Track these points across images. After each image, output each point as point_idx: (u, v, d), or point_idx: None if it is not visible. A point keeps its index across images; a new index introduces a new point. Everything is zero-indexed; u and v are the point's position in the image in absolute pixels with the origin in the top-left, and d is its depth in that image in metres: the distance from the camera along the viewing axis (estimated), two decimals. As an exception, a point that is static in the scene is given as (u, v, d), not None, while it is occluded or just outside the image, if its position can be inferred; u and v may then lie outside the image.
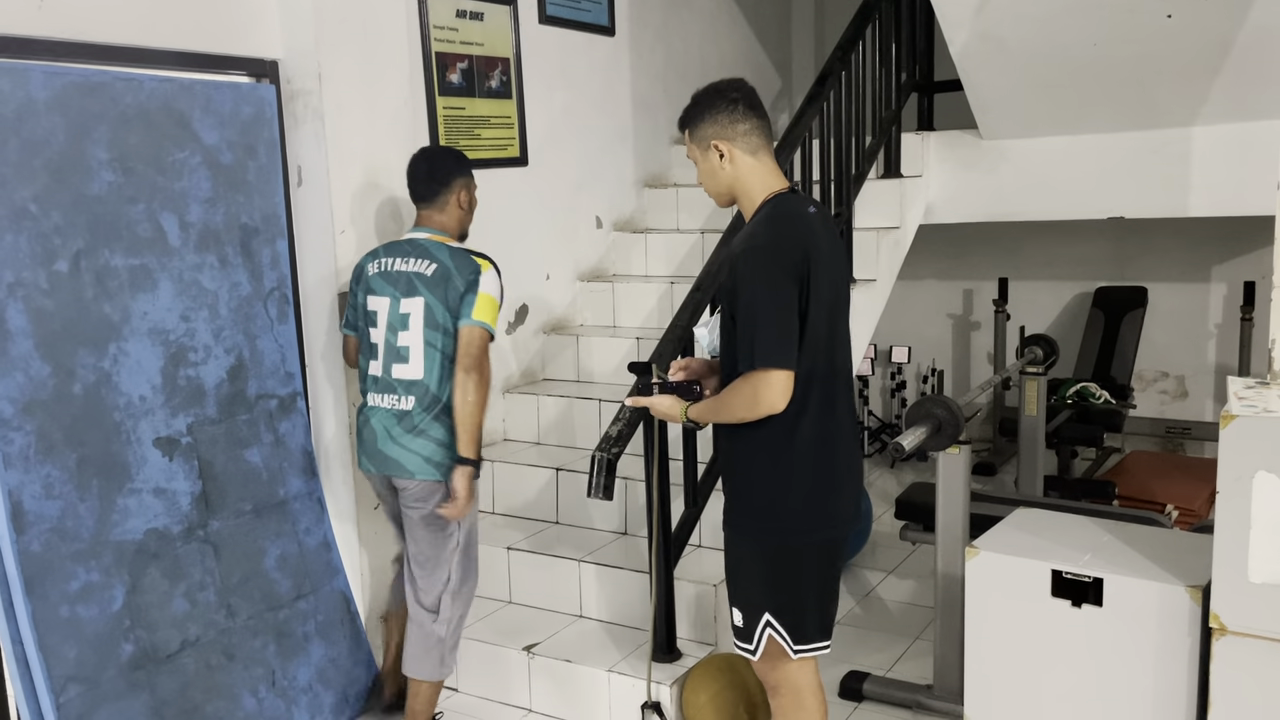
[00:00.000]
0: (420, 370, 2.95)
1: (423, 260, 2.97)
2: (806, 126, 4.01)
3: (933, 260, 6.20)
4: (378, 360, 3.02)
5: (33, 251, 2.65)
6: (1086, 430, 5.31)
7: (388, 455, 2.98)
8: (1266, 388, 2.30)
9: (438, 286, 2.93)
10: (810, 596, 2.43)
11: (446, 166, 3.08)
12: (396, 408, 2.97)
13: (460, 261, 2.95)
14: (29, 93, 2.63)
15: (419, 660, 3.05)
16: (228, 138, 3.10)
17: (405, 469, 2.97)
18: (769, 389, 2.23)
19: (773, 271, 2.25)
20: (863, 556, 4.57)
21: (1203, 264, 5.90)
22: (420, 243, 3.02)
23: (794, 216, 2.35)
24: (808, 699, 2.49)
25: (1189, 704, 2.33)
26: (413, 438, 2.95)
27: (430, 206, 3.06)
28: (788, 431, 2.32)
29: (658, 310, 4.52)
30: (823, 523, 2.40)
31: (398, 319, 2.96)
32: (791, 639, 2.43)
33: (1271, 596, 2.11)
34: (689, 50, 5.39)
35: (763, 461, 2.36)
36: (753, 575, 2.44)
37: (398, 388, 2.97)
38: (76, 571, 2.69)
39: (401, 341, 2.96)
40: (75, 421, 2.73)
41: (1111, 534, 2.64)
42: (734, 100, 2.39)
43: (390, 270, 3.01)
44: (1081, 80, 4.11)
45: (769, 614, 2.42)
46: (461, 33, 4.07)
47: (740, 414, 2.31)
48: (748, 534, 2.45)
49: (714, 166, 2.41)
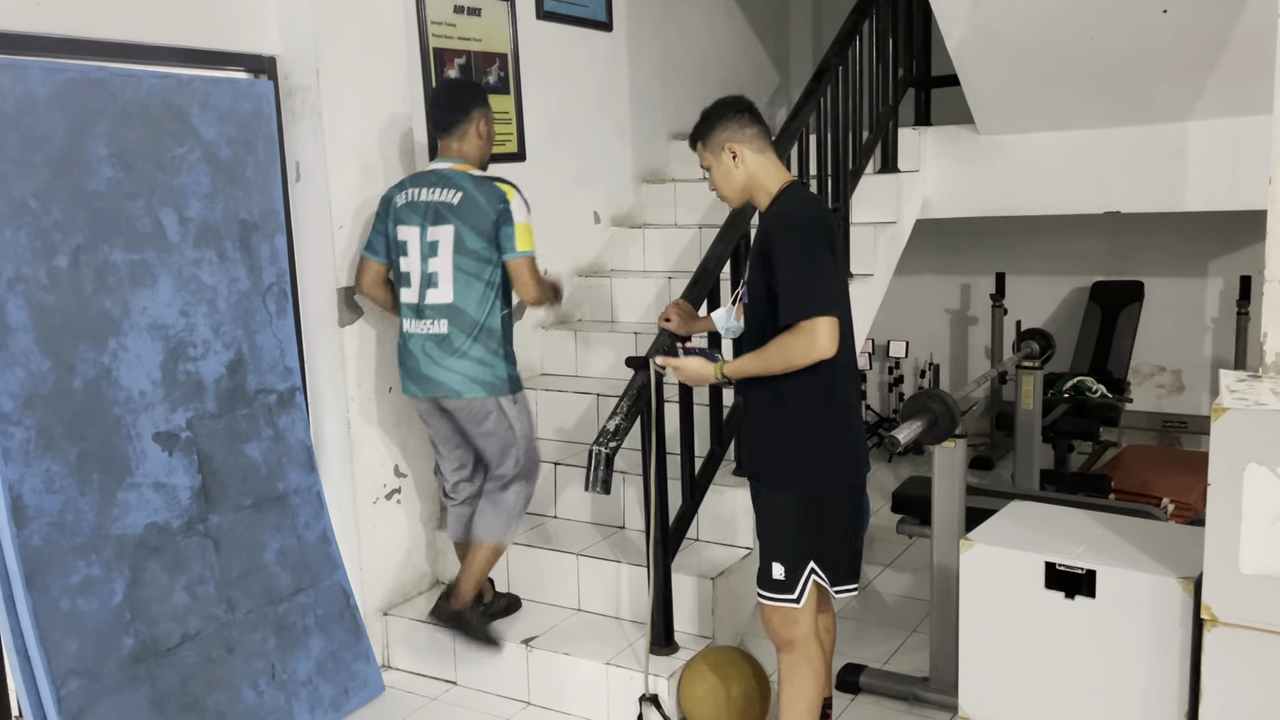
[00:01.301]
0: (451, 294, 3.12)
1: (448, 189, 3.13)
2: (804, 122, 4.02)
3: (930, 255, 6.21)
4: (411, 288, 3.18)
5: (33, 247, 2.66)
6: (1083, 424, 5.32)
7: (431, 378, 3.17)
8: (1258, 381, 2.32)
9: (466, 214, 3.09)
10: (843, 540, 2.69)
11: (468, 95, 3.27)
12: (432, 331, 3.16)
13: (485, 189, 3.11)
14: (28, 89, 2.64)
15: (490, 522, 3.28)
16: (226, 133, 3.11)
17: (452, 389, 3.17)
18: (823, 334, 2.43)
19: (809, 236, 2.51)
20: (860, 550, 4.58)
21: (1199, 258, 5.92)
22: (444, 173, 3.17)
23: (817, 199, 2.70)
24: (816, 654, 2.67)
25: (1181, 694, 2.35)
26: (456, 359, 3.14)
27: (450, 135, 3.22)
28: (826, 387, 2.56)
29: (656, 305, 4.53)
30: (852, 469, 2.66)
31: (427, 247, 3.13)
32: (830, 581, 2.68)
33: (1262, 588, 2.12)
34: (687, 46, 5.39)
35: (808, 417, 2.58)
36: (794, 526, 2.63)
37: (432, 313, 3.15)
38: (77, 565, 2.71)
39: (432, 268, 3.13)
40: (75, 416, 2.74)
41: (1105, 526, 2.65)
42: (740, 110, 2.67)
43: (417, 200, 3.16)
44: (1078, 75, 4.12)
45: (813, 561, 2.63)
46: (459, 28, 4.07)
47: (794, 360, 2.48)
48: (790, 485, 2.63)
49: (728, 168, 2.65)
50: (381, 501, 3.65)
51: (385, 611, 3.67)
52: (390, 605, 3.70)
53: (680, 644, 3.27)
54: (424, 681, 3.54)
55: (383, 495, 3.65)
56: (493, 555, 3.32)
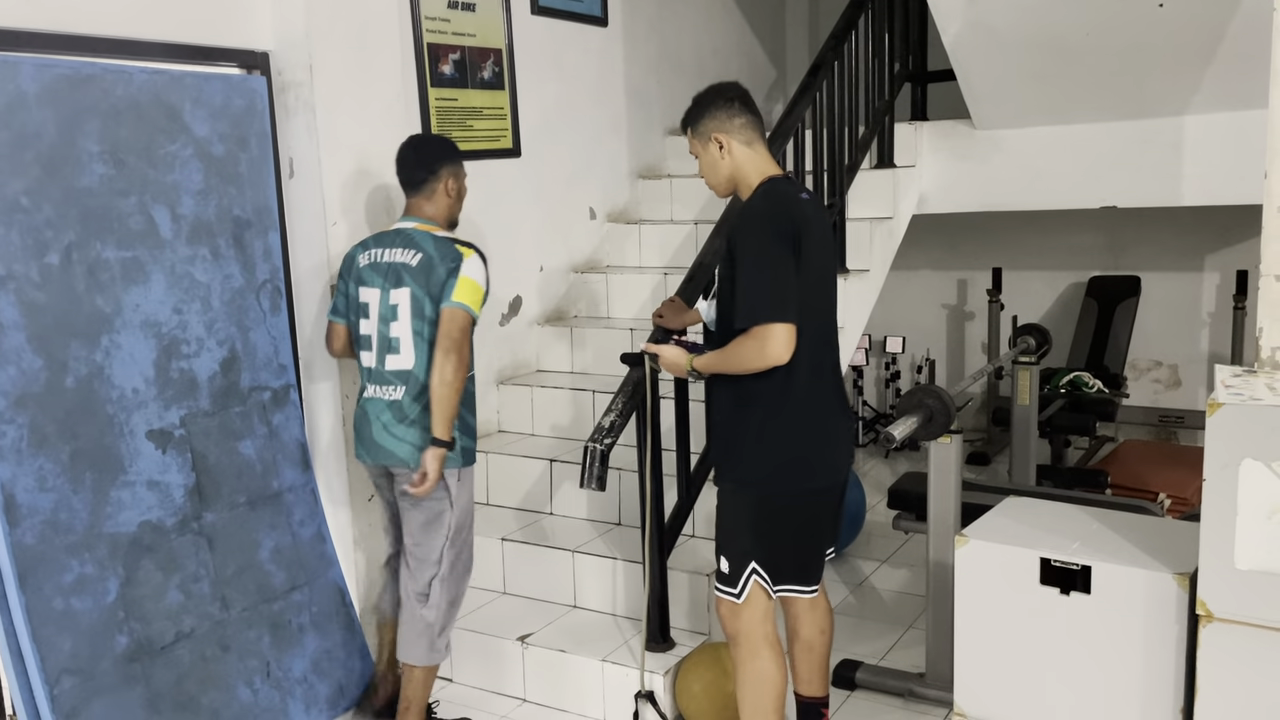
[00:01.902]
0: (411, 360, 2.96)
1: (409, 250, 2.97)
2: (799, 117, 4.01)
3: (927, 250, 6.21)
4: (371, 352, 3.03)
5: (24, 244, 2.65)
6: (1079, 419, 5.32)
7: (381, 445, 3.00)
8: (1254, 376, 2.31)
9: (421, 276, 2.93)
10: (790, 544, 2.66)
11: (433, 154, 3.08)
12: (390, 398, 2.99)
13: (443, 250, 2.95)
14: (19, 85, 2.63)
15: (410, 645, 3.06)
16: (219, 130, 3.10)
17: (398, 457, 2.98)
18: (774, 341, 2.41)
19: (769, 236, 2.46)
20: (856, 546, 4.58)
21: (1196, 253, 5.91)
22: (407, 232, 3.01)
23: (785, 195, 2.57)
24: (763, 649, 2.66)
25: (1176, 690, 2.35)
26: (405, 427, 2.97)
27: (418, 194, 3.06)
28: (781, 389, 2.52)
29: (651, 301, 4.52)
30: (806, 476, 2.60)
31: (388, 310, 2.97)
32: (771, 580, 2.65)
33: (1257, 583, 2.12)
34: (683, 40, 5.38)
35: (755, 417, 2.56)
36: (743, 525, 2.64)
37: (391, 379, 2.99)
38: (70, 564, 2.70)
39: (393, 333, 2.97)
40: (68, 414, 2.73)
41: (1101, 522, 2.65)
42: (731, 99, 2.63)
43: (379, 261, 3.01)
44: (1074, 70, 4.11)
45: (754, 561, 2.62)
46: (453, 23, 4.06)
47: (748, 364, 2.48)
48: (738, 485, 2.64)
49: (714, 158, 2.64)
50: (377, 499, 3.63)
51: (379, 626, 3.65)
52: (386, 602, 3.69)
53: (676, 641, 3.27)
54: (420, 679, 3.53)
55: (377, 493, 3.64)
56: (426, 679, 3.09)
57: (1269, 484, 2.08)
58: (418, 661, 3.06)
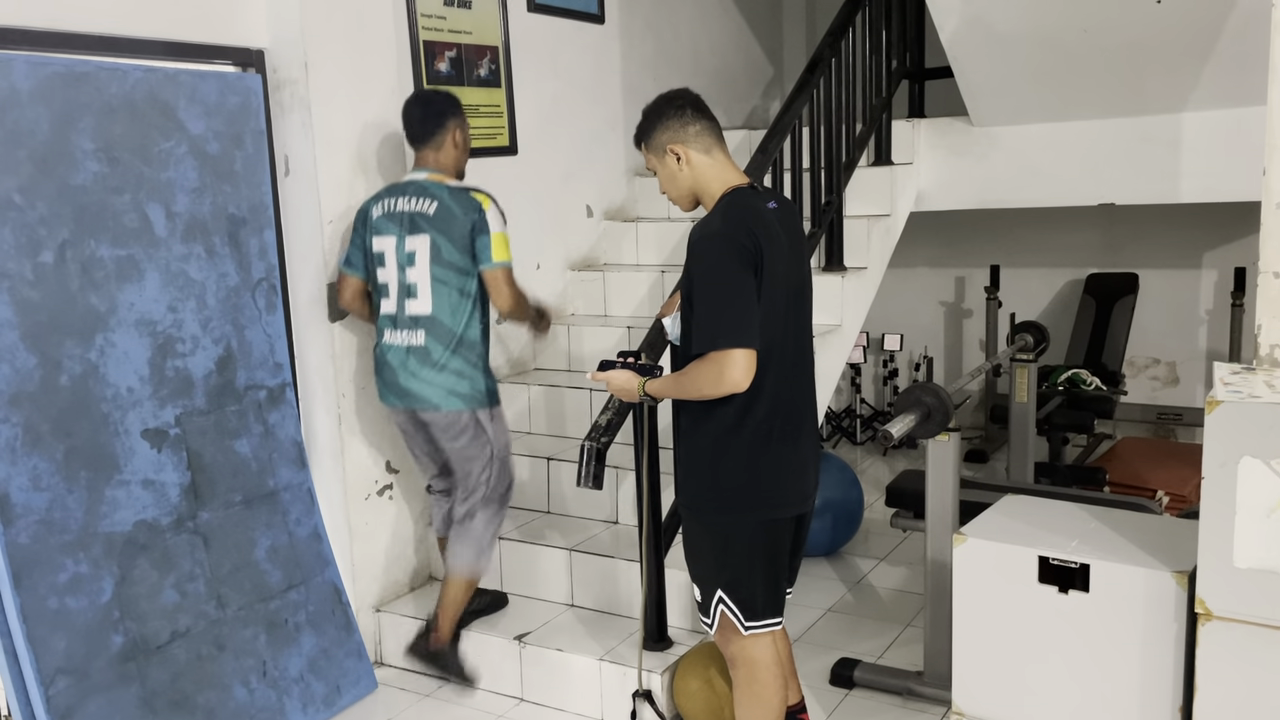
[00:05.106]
0: (429, 305, 3.10)
1: (425, 199, 3.12)
2: (797, 114, 4.00)
3: (924, 248, 6.21)
4: (389, 298, 3.17)
5: (18, 242, 2.64)
6: (1078, 417, 5.32)
7: (409, 390, 3.15)
8: (1252, 373, 2.31)
9: (441, 223, 3.08)
10: (758, 575, 2.51)
11: (440, 107, 3.22)
12: (410, 343, 3.14)
13: (460, 199, 3.10)
14: (12, 83, 2.62)
15: (458, 555, 3.26)
16: (214, 127, 3.09)
17: (430, 401, 3.15)
18: (732, 367, 2.28)
19: (727, 256, 2.31)
20: (854, 544, 4.58)
21: (1194, 250, 5.91)
22: (421, 183, 3.15)
23: (747, 208, 2.40)
24: (761, 673, 2.58)
25: (1175, 688, 2.34)
26: (434, 373, 3.12)
27: (427, 146, 3.19)
28: (738, 413, 2.39)
29: (649, 299, 4.52)
30: (766, 504, 2.46)
31: (404, 257, 3.12)
32: (743, 616, 2.52)
33: (1256, 581, 2.11)
34: (679, 38, 5.37)
35: (713, 442, 2.44)
36: (704, 552, 2.55)
37: (410, 324, 3.14)
38: (65, 563, 2.69)
39: (410, 279, 3.12)
40: (62, 413, 2.72)
41: (1099, 520, 2.65)
42: (681, 106, 2.48)
43: (393, 210, 3.15)
44: (1072, 67, 4.11)
45: (720, 590, 2.52)
46: (450, 21, 4.05)
47: (705, 391, 2.35)
48: (697, 512, 2.53)
49: (673, 171, 2.50)
50: (373, 497, 3.64)
51: (377, 608, 3.65)
52: (382, 602, 3.68)
53: (674, 639, 3.26)
54: (416, 678, 3.52)
55: (374, 491, 3.64)
56: (466, 588, 3.28)
57: (1268, 481, 2.07)
58: (464, 571, 3.26)
